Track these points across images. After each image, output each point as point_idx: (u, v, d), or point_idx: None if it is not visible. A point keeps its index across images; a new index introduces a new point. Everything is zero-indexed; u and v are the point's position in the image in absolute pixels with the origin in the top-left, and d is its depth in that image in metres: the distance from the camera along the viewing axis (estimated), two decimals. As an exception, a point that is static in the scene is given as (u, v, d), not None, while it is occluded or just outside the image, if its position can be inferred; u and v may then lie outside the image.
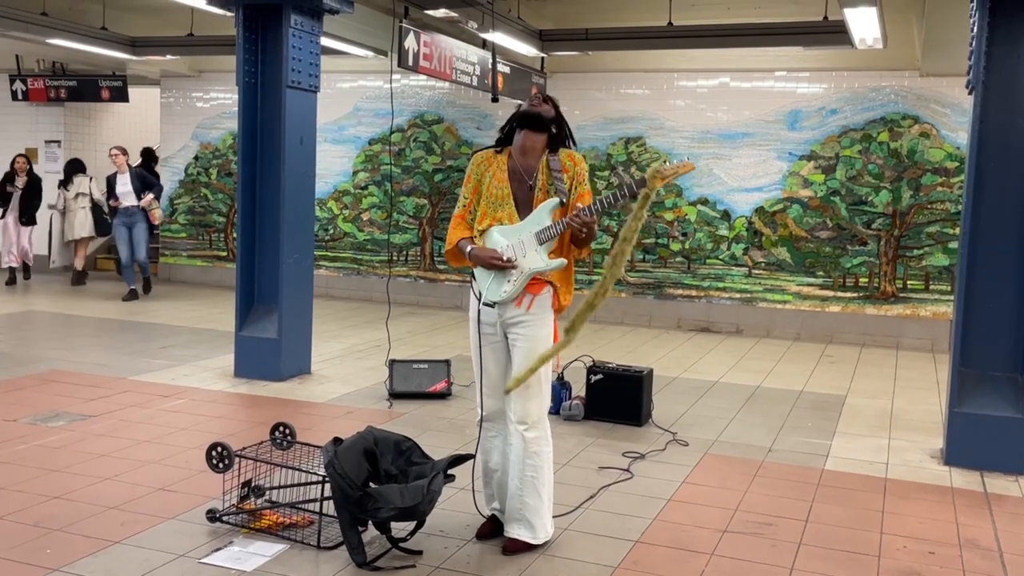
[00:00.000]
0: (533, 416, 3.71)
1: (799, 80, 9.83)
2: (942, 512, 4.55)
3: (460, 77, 8.17)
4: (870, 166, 9.55)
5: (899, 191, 9.46)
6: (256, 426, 5.50)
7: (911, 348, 9.35)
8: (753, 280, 10.06)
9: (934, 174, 9.34)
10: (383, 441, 3.86)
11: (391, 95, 8.78)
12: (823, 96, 9.73)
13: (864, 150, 9.56)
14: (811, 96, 9.78)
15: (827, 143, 9.69)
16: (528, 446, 3.70)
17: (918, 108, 9.38)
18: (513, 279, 3.63)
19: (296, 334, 6.98)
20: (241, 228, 6.91)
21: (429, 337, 9.11)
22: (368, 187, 11.70)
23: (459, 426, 5.77)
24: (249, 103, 6.83)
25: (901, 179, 9.45)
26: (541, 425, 3.74)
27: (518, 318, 3.69)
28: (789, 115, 9.82)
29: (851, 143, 9.60)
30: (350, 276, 11.86)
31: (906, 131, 9.41)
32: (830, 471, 5.16)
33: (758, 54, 9.68)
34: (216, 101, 12.51)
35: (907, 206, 9.44)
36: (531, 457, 3.71)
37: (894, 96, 9.46)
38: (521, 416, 3.71)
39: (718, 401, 6.79)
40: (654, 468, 5.09)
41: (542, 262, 3.63)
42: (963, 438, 5.25)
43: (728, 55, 9.85)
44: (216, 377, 6.90)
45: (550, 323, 3.73)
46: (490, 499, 3.98)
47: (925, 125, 9.36)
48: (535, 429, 3.72)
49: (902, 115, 9.43)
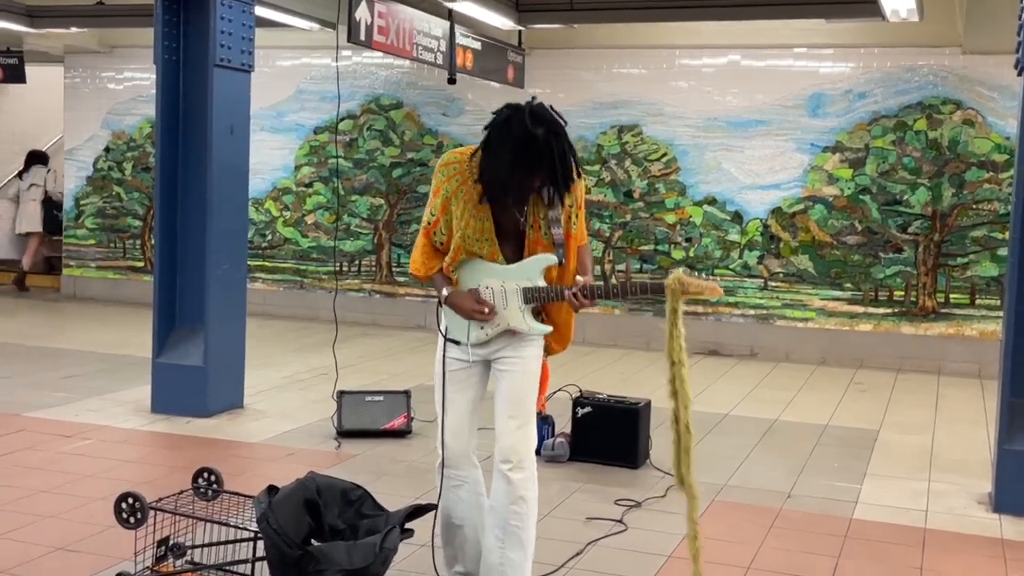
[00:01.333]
0: (520, 453, 3.68)
1: (822, 58, 9.92)
2: (991, 569, 4.57)
3: (422, 54, 8.17)
4: (905, 159, 9.64)
5: (939, 188, 9.56)
6: (176, 472, 5.44)
7: (955, 373, 9.43)
8: (769, 294, 10.12)
9: (980, 168, 9.45)
10: (328, 489, 3.84)
11: (338, 75, 8.78)
12: (850, 77, 9.82)
13: (898, 140, 9.66)
14: (836, 77, 9.87)
15: (855, 132, 9.78)
16: (514, 489, 3.66)
17: (961, 91, 9.49)
18: (488, 329, 3.65)
19: (226, 361, 6.93)
20: (160, 234, 6.87)
21: (386, 363, 9.07)
22: (313, 184, 11.67)
23: (420, 470, 5.73)
24: (169, 84, 6.79)
25: (942, 175, 9.55)
26: (528, 465, 3.71)
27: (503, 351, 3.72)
28: (810, 99, 9.90)
29: (883, 132, 9.70)
30: (291, 290, 11.80)
31: (947, 118, 9.51)
32: (860, 520, 5.18)
33: (774, 28, 9.75)
34: (131, 82, 12.45)
35: (949, 206, 9.54)
36: (517, 503, 3.66)
37: (932, 77, 9.56)
38: (506, 453, 3.68)
39: (728, 438, 6.80)
40: (652, 519, 5.09)
41: (525, 324, 3.66)
42: (1016, 480, 5.29)
43: (739, 29, 9.92)
44: (129, 413, 6.84)
45: (539, 353, 3.76)
46: (451, 561, 3.94)
47: (969, 111, 9.46)
48: (521, 469, 3.68)
49: (942, 99, 9.54)
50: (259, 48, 7.39)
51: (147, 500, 3.99)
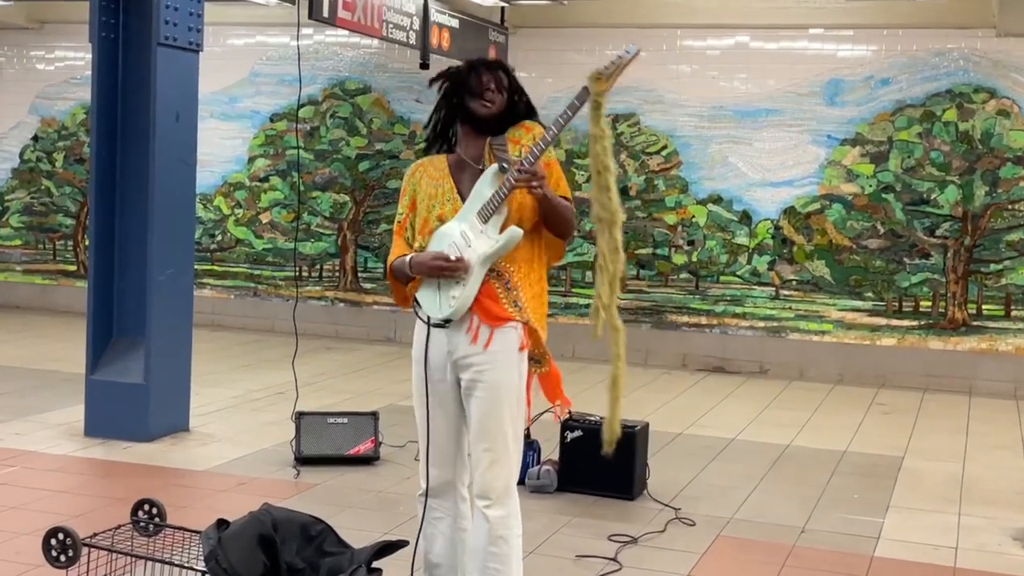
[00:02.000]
0: (498, 489, 3.70)
1: (840, 40, 9.97)
2: (1028, 612, 4.60)
3: (392, 33, 8.17)
4: (933, 153, 9.70)
5: (971, 187, 9.62)
6: (112, 504, 5.41)
7: (988, 393, 9.48)
8: (781, 304, 10.15)
9: (1016, 165, 9.52)
10: (285, 524, 3.82)
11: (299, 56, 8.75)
12: (871, 61, 9.88)
13: (925, 132, 9.72)
14: (856, 61, 9.92)
15: (877, 123, 9.84)
16: (492, 528, 3.68)
17: (994, 78, 9.55)
18: (464, 280, 3.64)
19: (170, 378, 6.90)
20: (95, 234, 6.83)
21: (350, 381, 9.05)
22: (269, 178, 11.65)
23: (389, 501, 5.72)
24: (107, 66, 6.77)
25: (973, 171, 9.62)
26: (508, 501, 3.72)
27: (472, 359, 3.68)
28: (827, 86, 9.96)
29: (908, 123, 9.76)
30: (245, 298, 11.77)
31: (979, 108, 9.58)
32: (882, 558, 5.18)
33: (786, 6, 9.81)
34: (63, 63, 12.39)
35: (981, 206, 9.60)
36: (495, 544, 3.68)
37: (963, 62, 9.63)
38: (482, 489, 3.69)
39: (735, 465, 6.81)
40: (650, 556, 5.08)
41: (492, 240, 3.65)
42: (1055, 513, 5.32)
43: (748, 7, 9.97)
44: (59, 436, 6.79)
45: (516, 365, 3.72)
46: (427, 602, 3.94)
47: (1003, 100, 9.53)
48: (500, 506, 3.70)
49: (974, 87, 9.61)
50: (208, 25, 7.37)
51: (80, 536, 3.96)
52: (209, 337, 10.51)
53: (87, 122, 12.01)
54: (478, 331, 3.67)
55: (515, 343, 3.70)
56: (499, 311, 3.68)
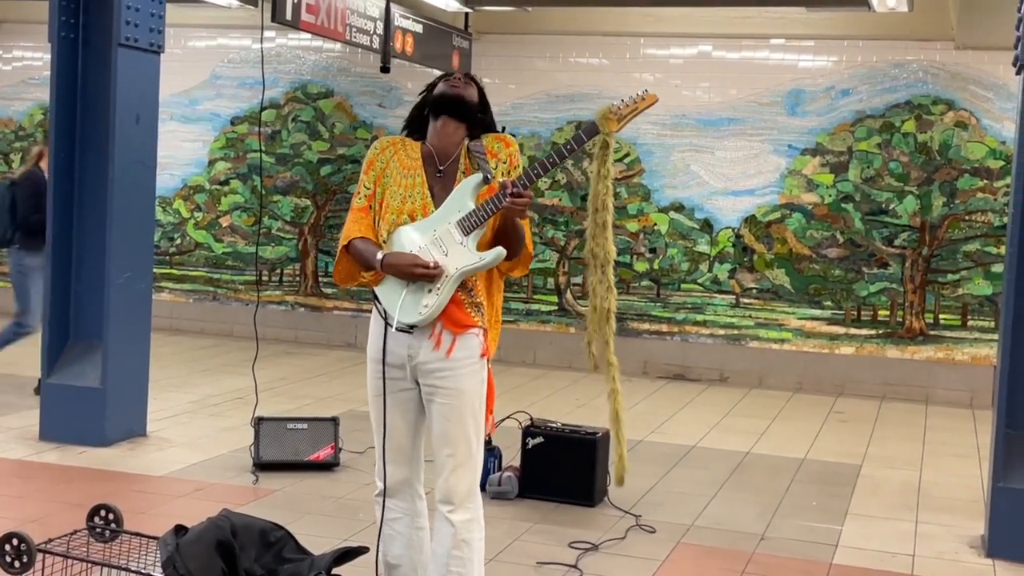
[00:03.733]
0: (461, 493, 3.70)
1: (801, 51, 10.06)
2: (984, 619, 4.64)
3: (356, 36, 8.16)
4: (892, 164, 9.80)
5: (929, 197, 9.72)
6: (68, 509, 5.36)
7: (944, 402, 9.58)
8: (742, 312, 10.22)
9: (973, 176, 9.63)
10: (244, 530, 3.81)
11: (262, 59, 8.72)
12: (832, 72, 9.97)
13: (884, 143, 9.82)
14: (817, 72, 10.01)
15: (837, 133, 9.93)
16: (456, 532, 3.68)
17: (953, 90, 9.67)
18: (437, 288, 3.62)
19: (127, 382, 6.86)
20: (52, 236, 6.77)
21: (310, 386, 9.01)
22: (230, 182, 11.58)
23: (350, 508, 5.70)
24: (66, 66, 6.71)
25: (931, 182, 9.72)
26: (471, 504, 3.73)
27: (434, 364, 3.67)
28: (788, 96, 10.04)
29: (868, 134, 9.85)
30: (204, 302, 11.69)
31: (937, 120, 9.69)
32: (840, 565, 5.22)
33: (748, 16, 9.88)
34: (20, 63, 12.28)
35: (939, 217, 9.71)
36: (459, 547, 3.68)
37: (922, 74, 9.74)
38: (444, 494, 3.70)
39: (695, 472, 6.84)
40: (611, 563, 5.10)
41: (473, 256, 3.63)
42: (1010, 522, 5.37)
43: (710, 16, 10.03)
44: (13, 441, 6.72)
45: (478, 371, 3.72)
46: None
47: (962, 112, 9.65)
48: (464, 510, 3.70)
49: (932, 99, 9.72)
50: (170, 26, 7.33)
51: (34, 541, 3.93)
52: (167, 341, 10.44)
53: (45, 123, 11.90)
54: (440, 337, 3.67)
55: (477, 349, 3.71)
56: (463, 318, 3.68)
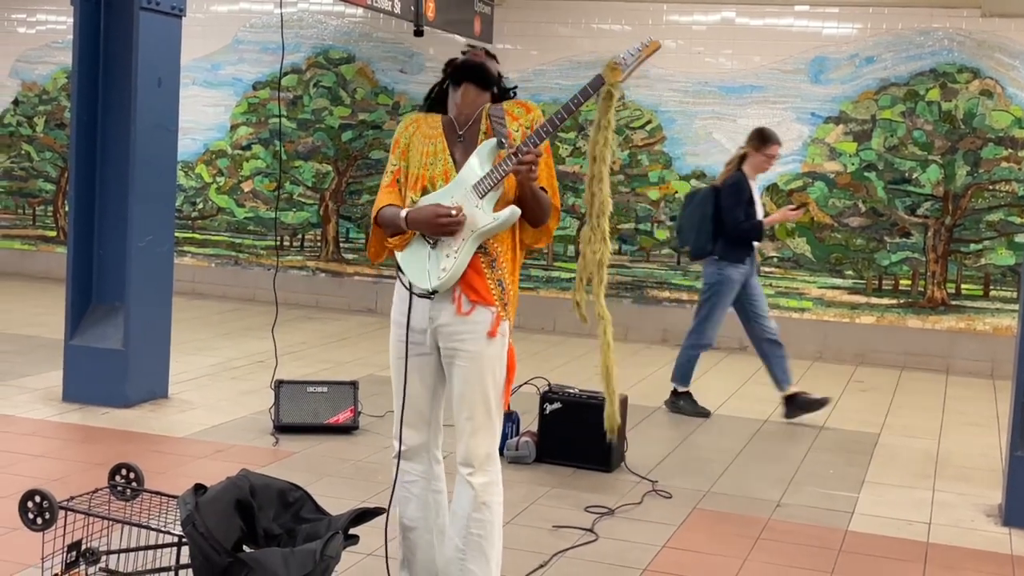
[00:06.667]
0: (480, 456, 3.73)
1: (825, 17, 9.97)
2: (999, 587, 4.65)
3: (378, 1, 8.13)
4: (916, 132, 9.73)
5: (953, 166, 9.65)
6: (90, 468, 5.42)
7: (965, 372, 9.55)
8: (763, 281, 10.13)
9: (998, 145, 9.55)
10: (263, 490, 3.83)
11: (281, 24, 8.74)
12: (856, 40, 9.88)
13: (908, 112, 9.74)
14: (841, 39, 9.93)
15: (861, 101, 9.85)
16: (476, 495, 3.72)
17: (978, 58, 9.58)
18: (455, 250, 3.64)
19: (149, 345, 6.89)
20: (75, 199, 6.80)
21: (330, 351, 9.05)
22: (251, 147, 11.60)
23: (368, 470, 5.74)
24: (89, 30, 6.72)
25: (955, 151, 9.65)
26: (490, 467, 3.77)
27: (453, 327, 3.69)
28: (812, 63, 9.96)
29: (892, 102, 9.78)
30: (225, 267, 11.73)
31: (963, 88, 9.60)
32: (856, 533, 5.24)
33: (773, -18, 9.80)
34: (44, 26, 12.29)
35: (963, 186, 9.64)
36: (479, 510, 3.72)
37: (948, 42, 9.65)
38: (464, 457, 3.74)
39: (713, 439, 6.85)
40: (626, 528, 5.12)
41: (488, 217, 3.64)
42: (1028, 490, 5.37)
43: (734, -18, 9.95)
44: (37, 401, 6.78)
45: (497, 339, 3.73)
46: (403, 566, 3.97)
47: (987, 81, 9.56)
48: (483, 473, 3.74)
49: (958, 67, 9.63)
50: (192, -10, 7.34)
51: (56, 499, 3.96)
52: (189, 305, 10.49)
53: (68, 86, 11.94)
54: (460, 300, 3.69)
55: (487, 325, 3.70)
56: (483, 290, 3.69)
